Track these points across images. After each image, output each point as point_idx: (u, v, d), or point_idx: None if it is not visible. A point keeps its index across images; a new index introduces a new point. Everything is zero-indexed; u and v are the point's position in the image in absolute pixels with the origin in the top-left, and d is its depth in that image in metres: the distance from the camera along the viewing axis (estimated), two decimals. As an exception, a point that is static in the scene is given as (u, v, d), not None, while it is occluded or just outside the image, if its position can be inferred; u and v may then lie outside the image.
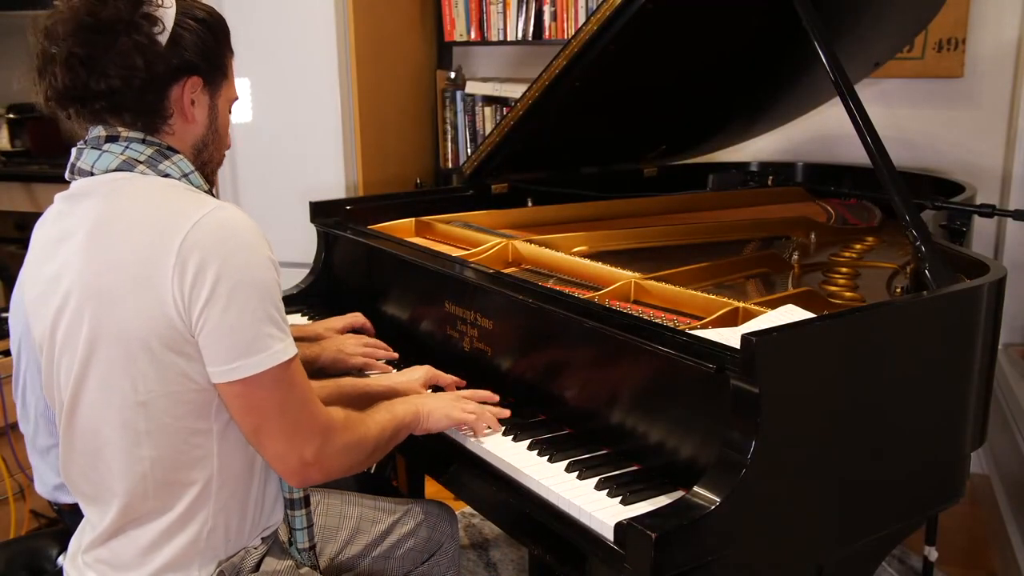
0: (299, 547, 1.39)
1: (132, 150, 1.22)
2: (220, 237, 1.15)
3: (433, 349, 1.78)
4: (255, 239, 1.18)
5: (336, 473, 1.29)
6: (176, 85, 1.24)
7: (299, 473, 1.24)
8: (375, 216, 2.16)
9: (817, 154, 3.02)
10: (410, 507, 1.68)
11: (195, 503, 1.23)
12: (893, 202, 1.52)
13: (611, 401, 1.40)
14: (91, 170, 1.22)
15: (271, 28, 2.86)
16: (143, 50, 1.18)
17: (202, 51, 1.24)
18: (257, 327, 1.16)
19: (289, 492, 1.36)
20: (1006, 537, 2.37)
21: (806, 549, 1.29)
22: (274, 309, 1.18)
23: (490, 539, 2.68)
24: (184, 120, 1.26)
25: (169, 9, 1.21)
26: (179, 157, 1.25)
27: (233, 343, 1.15)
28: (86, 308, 1.17)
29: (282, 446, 1.21)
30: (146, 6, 1.19)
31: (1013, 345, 2.85)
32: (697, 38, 2.03)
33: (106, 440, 1.21)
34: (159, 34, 1.20)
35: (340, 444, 1.26)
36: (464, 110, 3.32)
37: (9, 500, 2.54)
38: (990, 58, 2.86)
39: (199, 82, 1.26)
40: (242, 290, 1.14)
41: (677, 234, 2.11)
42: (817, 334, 1.24)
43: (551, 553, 1.29)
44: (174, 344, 1.15)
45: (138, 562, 1.24)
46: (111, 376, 1.18)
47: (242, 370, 1.15)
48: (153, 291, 1.14)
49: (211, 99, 1.29)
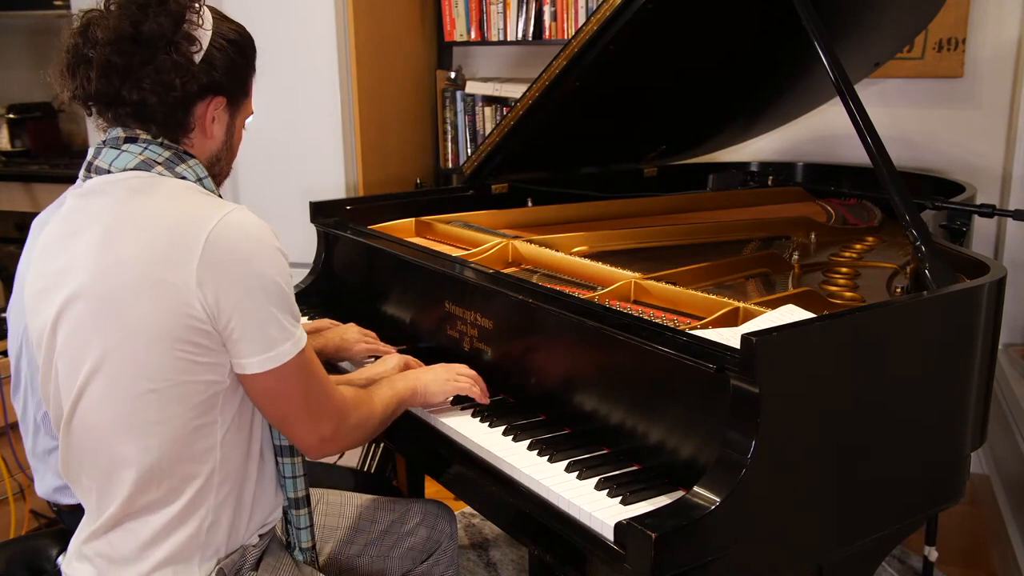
0: (302, 546, 1.40)
1: (151, 151, 1.25)
2: (243, 238, 1.19)
3: (433, 349, 1.78)
4: (271, 236, 1.23)
5: (348, 447, 1.39)
6: (202, 103, 1.27)
7: (318, 448, 1.32)
8: (375, 216, 2.16)
9: (817, 154, 3.02)
10: (409, 506, 1.69)
11: (197, 496, 1.24)
12: (893, 202, 1.52)
13: (611, 401, 1.40)
14: (109, 168, 1.24)
15: (271, 28, 2.86)
16: (180, 69, 1.22)
17: (231, 72, 1.28)
18: (280, 321, 1.21)
19: (294, 491, 1.37)
20: (1006, 537, 2.37)
21: (806, 549, 1.29)
22: (292, 301, 1.24)
23: (490, 539, 2.68)
24: (203, 135, 1.30)
25: (206, 29, 1.25)
26: (195, 161, 1.28)
27: (260, 337, 1.20)
28: (97, 305, 1.18)
29: (306, 427, 1.29)
30: (187, 25, 1.22)
31: (1013, 345, 2.86)
32: (697, 38, 2.03)
33: (114, 430, 1.21)
34: (195, 53, 1.23)
35: (353, 421, 1.35)
36: (464, 110, 3.32)
37: (9, 500, 2.54)
38: (990, 58, 2.86)
39: (223, 101, 1.30)
40: (266, 287, 1.20)
41: (677, 234, 2.11)
42: (817, 334, 1.24)
43: (551, 553, 1.29)
44: (192, 338, 1.17)
45: (137, 556, 1.24)
46: (122, 369, 1.18)
47: (271, 361, 1.21)
48: (173, 290, 1.16)
49: (231, 118, 1.33)
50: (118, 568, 1.26)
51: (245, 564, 1.31)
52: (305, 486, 1.38)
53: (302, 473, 1.37)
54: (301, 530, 1.39)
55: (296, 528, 1.39)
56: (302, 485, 1.37)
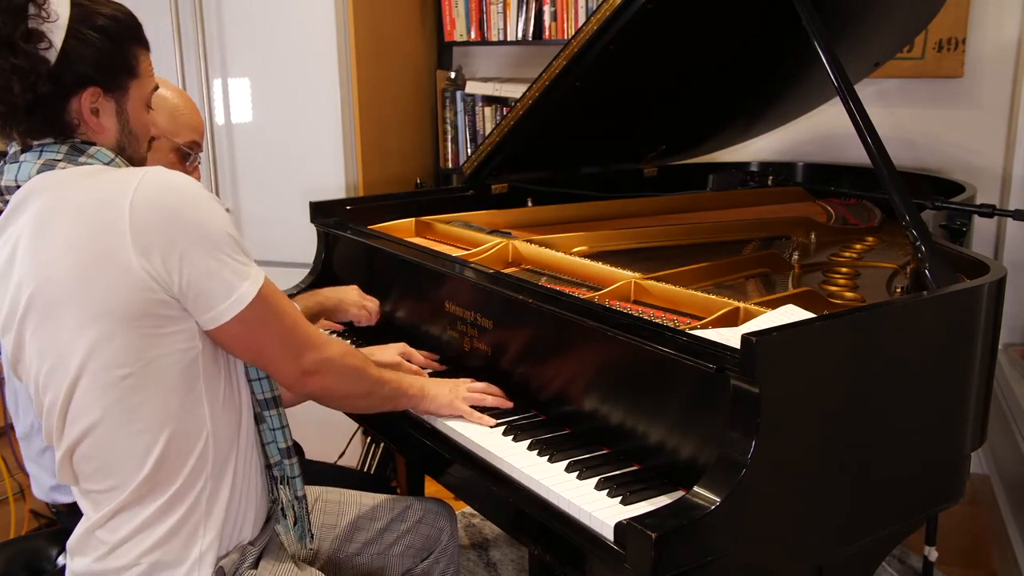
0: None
1: (48, 152, 1.21)
2: (165, 191, 1.16)
3: (433, 349, 1.78)
4: (193, 185, 1.20)
5: (336, 391, 1.36)
6: (74, 98, 1.21)
7: (300, 381, 1.30)
8: (375, 216, 2.16)
9: (817, 154, 3.02)
10: (409, 504, 1.68)
11: (190, 477, 1.23)
12: (893, 202, 1.52)
13: (611, 401, 1.40)
14: (15, 183, 1.21)
15: (271, 28, 2.86)
16: (22, 74, 1.14)
17: (98, 62, 1.20)
18: (231, 266, 1.19)
19: (284, 441, 1.34)
20: (1006, 537, 2.37)
21: (806, 549, 1.29)
22: (236, 242, 1.21)
23: (490, 539, 2.68)
24: (91, 128, 1.24)
25: (56, 22, 1.16)
26: (96, 148, 1.23)
27: (215, 288, 1.18)
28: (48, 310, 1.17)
29: (282, 359, 1.27)
30: (30, 20, 1.14)
31: (1013, 345, 2.85)
32: (697, 38, 2.03)
33: (103, 424, 1.20)
34: (44, 51, 1.15)
35: (338, 359, 1.34)
36: (464, 110, 3.32)
37: (9, 500, 2.55)
38: (990, 58, 2.86)
39: (98, 92, 1.22)
40: (206, 235, 1.17)
41: (677, 234, 2.11)
42: (817, 334, 1.23)
43: (551, 553, 1.28)
44: (152, 310, 1.16)
45: (136, 541, 1.23)
46: (92, 364, 1.17)
47: (233, 308, 1.19)
48: (116, 263, 1.13)
49: (118, 104, 1.26)
50: (117, 551, 1.25)
51: (244, 563, 1.31)
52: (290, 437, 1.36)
53: (286, 424, 1.35)
54: (294, 479, 1.37)
55: (289, 478, 1.36)
56: (288, 435, 1.35)
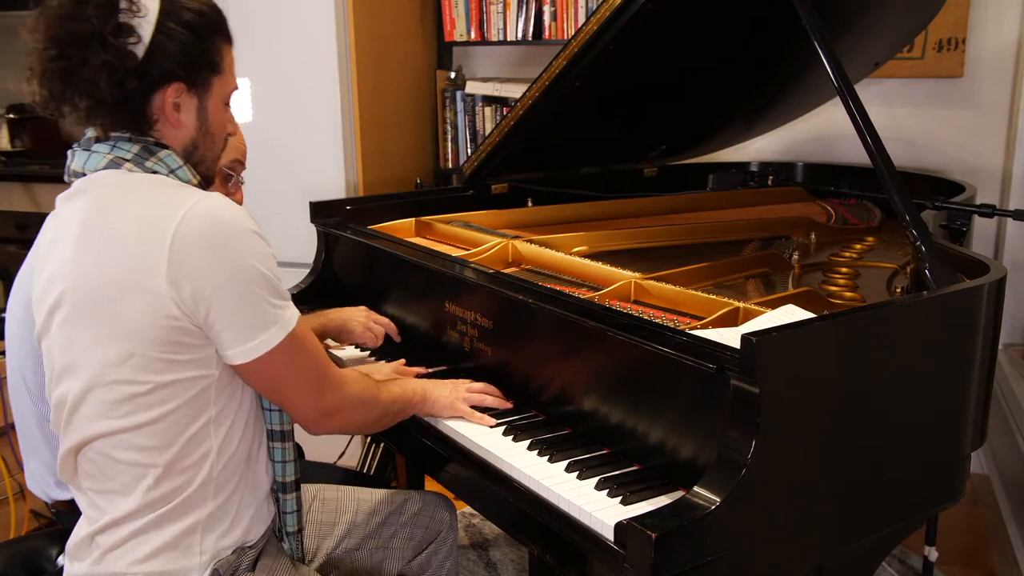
0: (288, 530, 1.38)
1: (119, 149, 1.22)
2: (210, 226, 1.16)
3: (433, 349, 1.78)
4: (243, 219, 1.19)
5: (351, 425, 1.40)
6: (157, 93, 1.22)
7: (319, 423, 1.31)
8: (375, 216, 2.16)
9: (817, 154, 3.02)
10: (407, 497, 1.68)
11: (192, 495, 1.23)
12: (893, 202, 1.52)
13: (611, 401, 1.40)
14: (83, 170, 1.23)
15: (271, 28, 2.86)
16: (110, 69, 1.16)
17: (185, 57, 1.21)
18: (263, 305, 1.19)
19: (283, 476, 1.36)
20: (1006, 537, 2.37)
21: (806, 549, 1.29)
22: (274, 282, 1.21)
23: (490, 539, 2.68)
24: (170, 125, 1.25)
25: (146, 17, 1.17)
26: (166, 152, 1.24)
27: (244, 325, 1.18)
28: (76, 312, 1.18)
29: (303, 400, 1.28)
30: (121, 15, 1.16)
31: (1013, 345, 2.85)
32: (697, 38, 2.03)
33: (104, 432, 1.21)
34: (133, 46, 1.17)
35: (355, 397, 1.35)
36: (464, 110, 3.32)
37: (9, 500, 2.55)
38: (990, 58, 2.86)
39: (182, 87, 1.24)
40: (242, 274, 1.17)
41: (677, 234, 2.11)
42: (817, 334, 1.23)
43: (551, 553, 1.28)
44: (174, 338, 1.16)
45: (134, 549, 1.24)
46: (106, 375, 1.18)
47: (259, 348, 1.19)
48: (146, 287, 1.14)
49: (200, 100, 1.27)
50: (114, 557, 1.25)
51: (241, 565, 1.31)
52: (294, 472, 1.37)
53: (292, 459, 1.36)
54: (287, 514, 1.38)
55: (284, 513, 1.38)
56: (292, 470, 1.36)
